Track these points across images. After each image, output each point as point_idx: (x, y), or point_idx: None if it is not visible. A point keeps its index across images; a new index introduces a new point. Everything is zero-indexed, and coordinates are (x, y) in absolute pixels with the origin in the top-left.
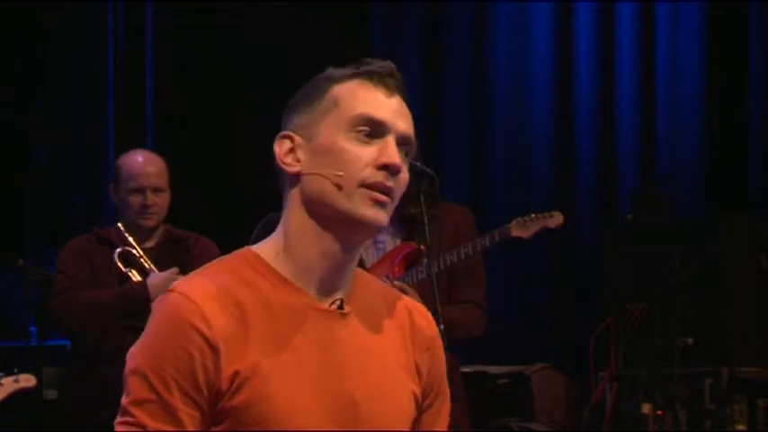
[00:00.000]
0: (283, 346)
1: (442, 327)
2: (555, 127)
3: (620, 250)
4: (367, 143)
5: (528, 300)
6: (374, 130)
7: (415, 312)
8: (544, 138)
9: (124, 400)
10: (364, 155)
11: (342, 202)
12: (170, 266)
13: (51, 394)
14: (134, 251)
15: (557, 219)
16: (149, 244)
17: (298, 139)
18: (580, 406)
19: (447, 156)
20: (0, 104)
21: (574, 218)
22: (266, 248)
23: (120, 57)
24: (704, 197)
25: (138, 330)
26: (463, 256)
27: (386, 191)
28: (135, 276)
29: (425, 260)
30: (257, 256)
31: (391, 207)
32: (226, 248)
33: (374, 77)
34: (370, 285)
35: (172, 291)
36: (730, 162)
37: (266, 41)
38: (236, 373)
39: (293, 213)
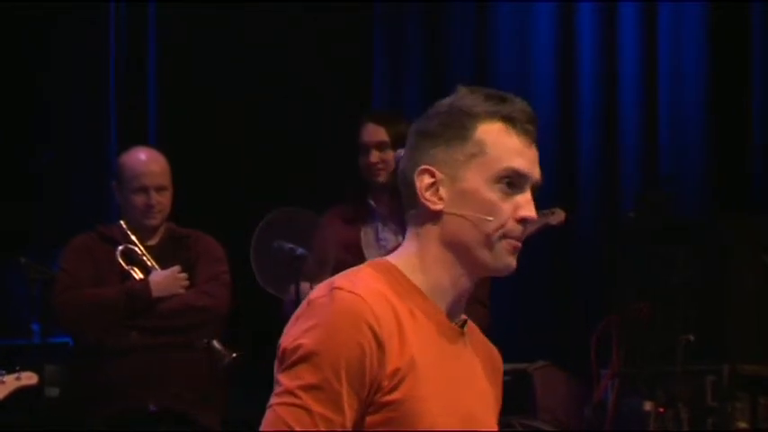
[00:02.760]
0: (427, 351)
1: None
2: (556, 126)
3: (622, 249)
4: (509, 194)
5: (530, 297)
6: (516, 182)
7: (494, 350)
8: (545, 137)
9: (291, 383)
10: (507, 208)
11: (483, 252)
12: (172, 264)
13: (53, 392)
14: (136, 249)
15: (558, 216)
16: (152, 241)
17: (440, 175)
18: (582, 403)
19: None
20: (1, 105)
21: (576, 217)
22: (402, 262)
23: (122, 56)
24: (706, 197)
25: (141, 329)
26: None
27: (521, 239)
28: (137, 274)
29: None
30: (397, 268)
31: None
32: (227, 246)
33: (516, 124)
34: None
35: (340, 289)
36: (732, 161)
37: (267, 41)
38: (396, 370)
39: (429, 245)
